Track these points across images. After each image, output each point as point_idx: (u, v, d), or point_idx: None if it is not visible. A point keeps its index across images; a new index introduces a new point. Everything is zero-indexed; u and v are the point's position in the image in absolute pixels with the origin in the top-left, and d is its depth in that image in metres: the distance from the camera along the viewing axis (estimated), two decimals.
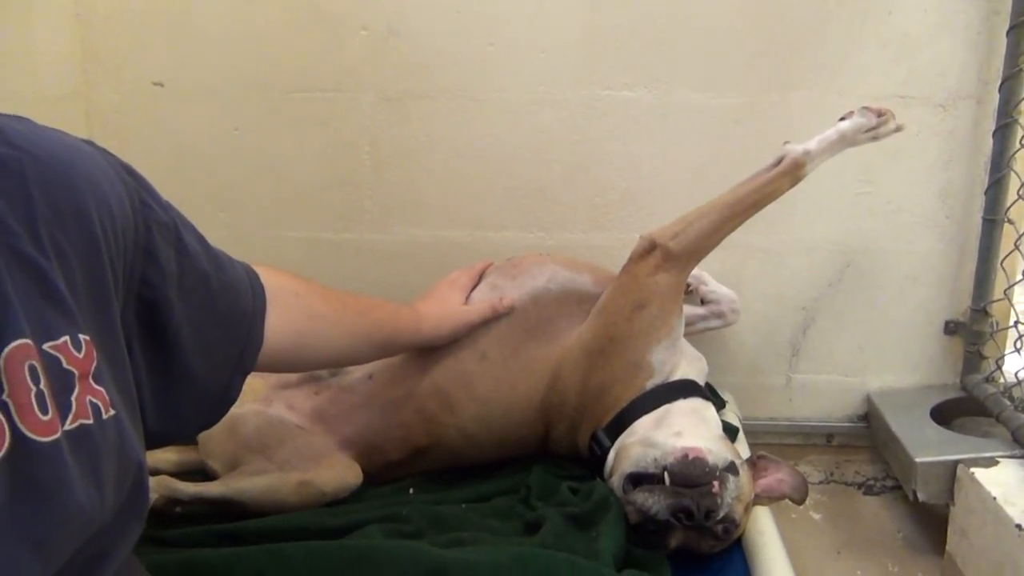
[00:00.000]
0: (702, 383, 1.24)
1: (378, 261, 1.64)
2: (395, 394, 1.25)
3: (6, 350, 0.52)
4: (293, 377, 1.29)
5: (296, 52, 1.54)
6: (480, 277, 1.33)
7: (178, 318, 0.73)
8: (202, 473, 1.24)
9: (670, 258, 1.19)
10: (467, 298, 1.28)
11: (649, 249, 1.20)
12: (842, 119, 1.26)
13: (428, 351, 1.25)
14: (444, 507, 1.12)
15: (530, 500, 1.14)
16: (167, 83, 1.57)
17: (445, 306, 1.25)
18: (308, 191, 1.61)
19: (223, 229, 1.62)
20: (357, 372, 1.28)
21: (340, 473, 1.18)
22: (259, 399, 1.27)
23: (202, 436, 1.24)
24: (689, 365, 1.24)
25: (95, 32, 1.56)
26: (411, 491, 1.22)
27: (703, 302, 1.51)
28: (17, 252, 0.55)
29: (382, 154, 1.59)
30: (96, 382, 0.59)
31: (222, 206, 1.60)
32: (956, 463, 1.34)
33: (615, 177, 1.58)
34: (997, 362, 1.52)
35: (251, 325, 0.85)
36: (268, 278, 0.90)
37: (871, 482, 1.66)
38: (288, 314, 0.92)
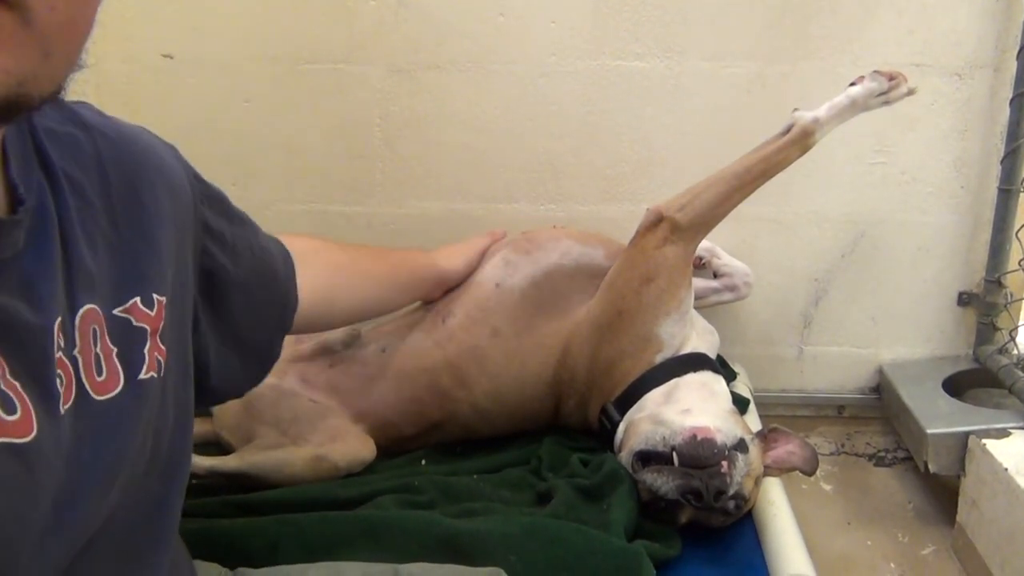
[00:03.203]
0: (713, 356, 1.24)
1: (390, 234, 1.63)
2: (408, 368, 1.25)
3: (81, 311, 0.57)
4: (306, 350, 1.30)
5: (306, 23, 1.53)
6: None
7: (231, 282, 0.80)
8: (216, 445, 1.25)
9: (677, 230, 1.18)
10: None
11: (656, 221, 1.19)
12: (852, 84, 1.24)
13: (440, 325, 1.26)
14: (456, 478, 1.14)
15: (541, 471, 1.15)
16: (176, 55, 1.57)
17: (451, 246, 1.34)
18: (319, 163, 1.61)
19: (234, 202, 1.61)
20: (370, 345, 1.29)
21: (354, 448, 1.19)
22: (273, 372, 1.26)
23: (216, 409, 1.26)
24: (700, 338, 1.24)
25: (104, 3, 1.54)
26: (423, 462, 1.24)
27: (716, 275, 1.50)
28: (96, 222, 0.61)
29: (393, 126, 1.58)
30: (162, 340, 0.64)
31: (232, 179, 1.60)
32: (968, 434, 1.34)
33: (626, 148, 1.56)
34: (1011, 333, 1.51)
35: (287, 285, 0.92)
36: (289, 242, 0.95)
37: (882, 453, 1.66)
38: (313, 271, 0.98)
